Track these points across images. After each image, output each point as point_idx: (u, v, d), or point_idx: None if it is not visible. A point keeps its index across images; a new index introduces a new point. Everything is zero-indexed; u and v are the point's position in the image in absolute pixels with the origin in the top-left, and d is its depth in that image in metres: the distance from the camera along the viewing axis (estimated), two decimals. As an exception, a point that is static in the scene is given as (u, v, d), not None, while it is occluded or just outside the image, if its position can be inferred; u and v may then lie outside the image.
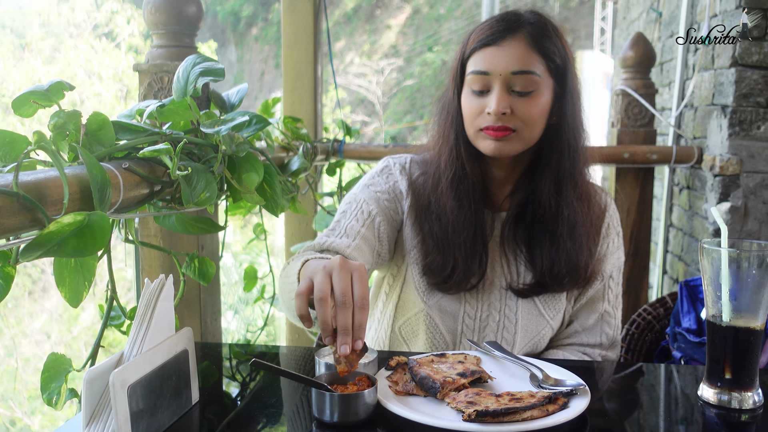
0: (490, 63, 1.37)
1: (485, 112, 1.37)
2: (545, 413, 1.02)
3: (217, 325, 1.81)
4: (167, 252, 1.40)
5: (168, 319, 1.05)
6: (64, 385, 1.25)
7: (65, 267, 0.97)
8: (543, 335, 1.50)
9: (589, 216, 1.48)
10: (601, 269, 1.52)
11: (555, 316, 1.51)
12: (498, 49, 1.36)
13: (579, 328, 1.53)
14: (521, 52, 1.36)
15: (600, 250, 1.52)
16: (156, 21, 1.59)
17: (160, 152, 1.10)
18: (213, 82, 1.39)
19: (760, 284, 1.08)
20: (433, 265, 1.45)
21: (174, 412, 1.05)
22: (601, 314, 1.53)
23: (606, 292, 1.54)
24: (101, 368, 0.94)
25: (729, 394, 1.11)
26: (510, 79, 1.36)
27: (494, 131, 1.36)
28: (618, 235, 1.57)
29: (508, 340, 1.49)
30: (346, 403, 1.02)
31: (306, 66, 2.71)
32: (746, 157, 2.26)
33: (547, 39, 1.38)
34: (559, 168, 1.43)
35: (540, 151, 1.46)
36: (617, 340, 1.56)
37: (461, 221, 1.43)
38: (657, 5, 3.60)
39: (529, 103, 1.36)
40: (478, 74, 1.38)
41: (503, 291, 1.49)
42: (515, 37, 1.37)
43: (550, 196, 1.43)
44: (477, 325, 1.49)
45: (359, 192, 1.53)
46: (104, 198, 0.96)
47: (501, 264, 1.49)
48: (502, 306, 1.49)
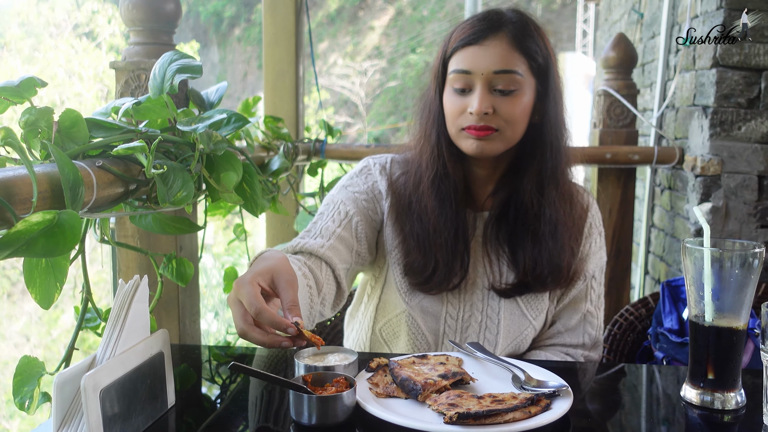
0: (472, 62, 1.36)
1: (467, 111, 1.36)
2: (527, 415, 1.01)
3: (196, 327, 1.78)
4: (144, 252, 1.37)
5: (143, 321, 1.03)
6: (36, 388, 1.22)
7: (36, 267, 0.94)
8: (525, 335, 1.49)
9: (572, 216, 1.47)
10: (583, 269, 1.51)
11: (538, 316, 1.50)
12: (480, 49, 1.36)
13: (561, 328, 1.53)
14: (503, 51, 1.35)
15: (582, 249, 1.52)
16: (133, 18, 1.56)
17: (134, 150, 1.08)
18: (190, 79, 1.36)
19: (743, 284, 1.07)
20: (414, 265, 1.44)
21: (149, 416, 1.03)
22: (583, 314, 1.53)
23: (588, 292, 1.53)
24: (72, 371, 0.91)
25: (712, 395, 1.11)
26: (492, 78, 1.35)
27: (476, 131, 1.35)
28: (600, 235, 1.56)
29: (490, 340, 1.48)
30: (324, 405, 1.00)
31: (287, 65, 2.69)
32: (727, 158, 2.26)
33: (529, 38, 1.37)
34: (541, 168, 1.42)
35: (522, 150, 1.45)
36: (599, 340, 1.56)
37: (442, 221, 1.42)
38: (638, 6, 3.61)
39: (511, 103, 1.36)
40: (459, 73, 1.37)
41: (485, 291, 1.48)
42: (497, 36, 1.36)
43: (532, 196, 1.42)
44: (459, 325, 1.48)
45: (337, 193, 1.52)
46: (76, 196, 0.93)
47: (483, 264, 1.48)
48: (485, 306, 1.48)
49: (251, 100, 2.02)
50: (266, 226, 2.77)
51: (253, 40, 21.31)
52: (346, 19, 22.07)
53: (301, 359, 1.15)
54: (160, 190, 1.13)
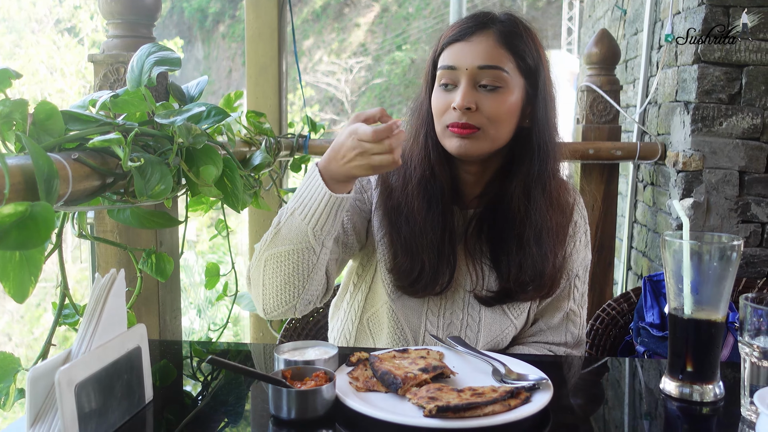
0: (457, 57, 1.35)
1: (451, 107, 1.35)
2: (507, 408, 1.01)
3: (177, 323, 1.77)
4: (122, 247, 1.36)
5: (119, 316, 1.02)
6: (12, 385, 1.21)
7: (9, 261, 0.93)
8: (506, 334, 1.49)
9: (557, 219, 1.45)
10: (566, 268, 1.50)
11: (519, 315, 1.50)
12: (466, 44, 1.35)
13: (544, 326, 1.53)
14: (489, 47, 1.34)
15: (566, 249, 1.51)
16: (111, 10, 1.55)
17: (110, 142, 1.07)
18: (170, 72, 1.35)
19: (721, 277, 1.08)
20: (401, 268, 1.42)
21: (126, 412, 1.01)
22: (566, 313, 1.52)
23: (572, 290, 1.53)
24: (47, 366, 0.90)
25: (690, 387, 1.11)
26: (477, 73, 1.33)
27: (459, 128, 1.33)
28: (585, 233, 1.55)
29: (470, 338, 1.47)
30: (303, 399, 1.00)
31: (270, 60, 2.67)
32: (709, 153, 2.28)
33: (518, 38, 1.36)
34: (529, 172, 1.40)
35: (511, 154, 1.43)
36: (582, 338, 1.56)
37: (429, 223, 1.40)
38: (621, 3, 3.62)
39: (495, 99, 1.34)
40: (445, 69, 1.36)
41: (467, 293, 1.47)
42: (484, 33, 1.35)
43: (519, 201, 1.40)
44: (440, 323, 1.47)
45: None
46: (51, 189, 0.92)
47: (466, 263, 1.47)
48: (465, 305, 1.47)
49: (233, 95, 2.00)
50: (249, 221, 2.76)
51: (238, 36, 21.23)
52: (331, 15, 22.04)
53: (281, 353, 1.14)
54: (137, 183, 1.12)
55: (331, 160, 1.23)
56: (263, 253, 1.31)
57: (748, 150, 2.26)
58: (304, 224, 1.26)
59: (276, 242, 1.30)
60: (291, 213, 1.28)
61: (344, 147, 1.20)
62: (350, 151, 1.19)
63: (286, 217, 1.29)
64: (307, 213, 1.25)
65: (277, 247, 1.29)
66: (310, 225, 1.26)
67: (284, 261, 1.29)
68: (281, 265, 1.30)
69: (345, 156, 1.20)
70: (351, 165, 1.20)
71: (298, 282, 1.31)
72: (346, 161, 1.20)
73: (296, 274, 1.30)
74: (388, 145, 1.17)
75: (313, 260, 1.30)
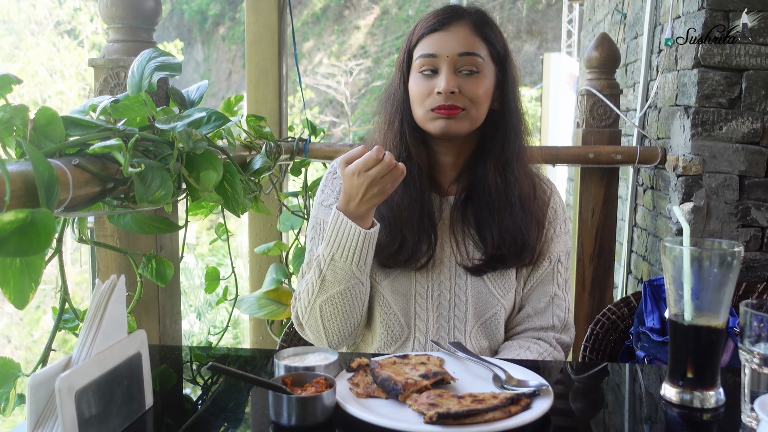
0: (438, 46, 1.45)
1: (435, 92, 1.43)
2: (508, 414, 1.00)
3: (177, 327, 1.77)
4: (123, 252, 1.36)
5: (120, 321, 1.01)
6: (12, 390, 1.21)
7: (9, 267, 0.93)
8: (495, 314, 1.52)
9: (534, 200, 1.54)
10: (548, 251, 1.57)
11: (505, 294, 1.53)
12: (445, 34, 1.45)
13: (531, 311, 1.56)
14: (466, 35, 1.45)
15: (547, 233, 1.58)
16: (112, 15, 1.55)
17: (111, 148, 1.06)
18: (170, 77, 1.35)
19: (722, 283, 1.08)
20: (381, 242, 1.47)
21: (126, 418, 1.01)
22: (551, 297, 1.57)
23: (555, 275, 1.58)
24: (47, 372, 0.90)
25: (691, 393, 1.11)
26: (456, 60, 1.44)
27: (446, 110, 1.43)
28: (565, 222, 1.62)
29: (460, 317, 1.51)
30: (303, 405, 1.00)
31: (270, 64, 2.67)
32: (708, 158, 2.28)
33: (488, 27, 1.48)
34: (503, 150, 1.51)
35: (484, 136, 1.53)
36: (569, 322, 1.60)
37: (407, 200, 1.48)
38: (622, 7, 3.63)
39: (475, 83, 1.44)
40: (426, 57, 1.45)
41: (453, 269, 1.52)
42: (460, 23, 1.46)
43: (497, 176, 1.49)
44: (430, 304, 1.51)
45: (317, 213, 1.57)
46: (51, 195, 0.92)
47: (450, 244, 1.52)
48: (452, 285, 1.51)
49: (233, 99, 2.01)
50: (249, 225, 2.76)
51: (238, 38, 21.24)
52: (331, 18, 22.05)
53: (281, 359, 1.14)
54: (138, 189, 1.12)
55: (349, 202, 1.34)
56: (315, 301, 1.44)
57: (748, 154, 2.26)
58: (348, 264, 1.39)
59: (326, 288, 1.42)
60: (331, 259, 1.39)
61: (354, 187, 1.31)
62: (361, 187, 1.31)
63: (326, 264, 1.40)
64: (348, 254, 1.37)
65: (328, 291, 1.42)
66: (354, 263, 1.39)
67: (339, 301, 1.43)
68: (337, 305, 1.43)
69: (359, 193, 1.31)
70: (368, 197, 1.32)
71: (357, 314, 1.46)
72: (362, 197, 1.32)
73: (353, 309, 1.44)
74: (388, 162, 1.29)
75: (363, 292, 1.44)
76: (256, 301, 2.29)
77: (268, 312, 2.27)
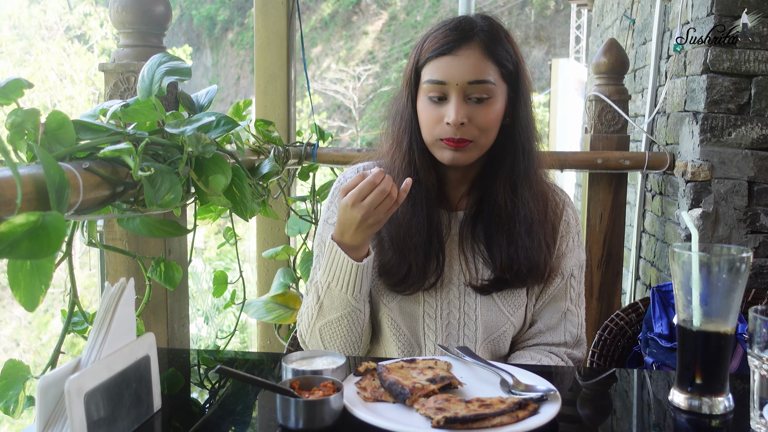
0: (446, 73, 1.37)
1: (444, 121, 1.38)
2: (515, 419, 1.00)
3: (185, 331, 1.78)
4: (132, 255, 1.37)
5: (129, 324, 1.02)
6: (22, 392, 1.21)
7: (20, 269, 0.93)
8: (504, 332, 1.50)
9: (546, 215, 1.50)
10: (560, 266, 1.53)
11: (515, 312, 1.50)
12: (454, 59, 1.37)
13: (543, 327, 1.53)
14: (476, 61, 1.37)
15: (559, 248, 1.53)
16: (123, 20, 1.56)
17: (121, 152, 1.07)
18: (180, 81, 1.36)
19: (731, 289, 1.07)
20: (389, 266, 1.46)
21: (134, 420, 1.02)
22: (564, 313, 1.53)
23: (568, 290, 1.54)
24: (57, 375, 0.90)
25: (699, 400, 1.10)
26: (466, 88, 1.37)
27: (454, 143, 1.38)
28: (578, 234, 1.58)
29: (470, 336, 1.49)
30: (311, 409, 1.00)
31: (279, 69, 2.68)
32: (717, 163, 2.27)
33: (500, 45, 1.40)
34: (513, 169, 1.45)
35: (494, 152, 1.47)
36: (582, 338, 1.56)
37: (415, 224, 1.44)
38: (630, 12, 3.62)
39: (485, 111, 1.38)
40: (434, 83, 1.39)
41: (462, 288, 1.49)
42: (470, 45, 1.38)
43: (505, 196, 1.45)
44: (438, 324, 1.49)
45: (322, 231, 1.56)
46: (62, 199, 0.93)
47: (459, 261, 1.50)
48: (461, 303, 1.49)
49: (242, 104, 2.01)
50: (257, 229, 2.77)
51: (247, 44, 21.32)
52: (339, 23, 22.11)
53: (289, 363, 1.14)
54: (147, 192, 1.13)
55: (344, 233, 1.33)
56: (314, 326, 1.45)
57: (757, 160, 2.26)
58: (343, 293, 1.39)
59: (324, 313, 1.43)
60: (327, 287, 1.40)
61: (348, 219, 1.30)
62: (355, 219, 1.29)
63: (323, 291, 1.41)
64: (342, 284, 1.37)
65: (326, 317, 1.43)
66: (349, 293, 1.38)
67: (337, 326, 1.43)
68: (335, 330, 1.44)
69: (353, 225, 1.30)
70: (362, 228, 1.31)
71: (356, 337, 1.46)
72: (356, 228, 1.31)
73: (352, 333, 1.45)
74: (381, 189, 1.27)
75: (361, 318, 1.44)
76: (264, 306, 2.30)
77: (275, 316, 2.27)
